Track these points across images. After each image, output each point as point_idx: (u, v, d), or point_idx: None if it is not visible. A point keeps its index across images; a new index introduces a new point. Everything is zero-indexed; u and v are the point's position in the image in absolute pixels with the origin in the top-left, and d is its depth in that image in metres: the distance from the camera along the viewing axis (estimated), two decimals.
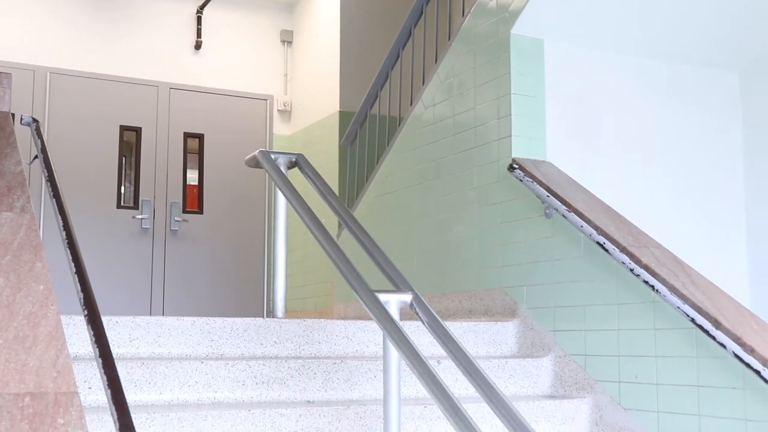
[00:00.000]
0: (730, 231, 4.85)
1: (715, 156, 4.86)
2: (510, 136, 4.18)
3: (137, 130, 7.21)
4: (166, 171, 7.26)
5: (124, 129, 7.16)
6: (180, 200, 7.28)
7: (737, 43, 4.78)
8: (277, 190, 3.76)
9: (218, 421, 2.95)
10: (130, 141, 7.22)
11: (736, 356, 3.00)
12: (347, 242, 4.06)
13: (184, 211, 7.30)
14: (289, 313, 4.15)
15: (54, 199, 2.95)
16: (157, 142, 7.26)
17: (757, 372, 2.93)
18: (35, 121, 3.72)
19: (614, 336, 3.61)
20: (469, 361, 2.58)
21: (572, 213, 3.75)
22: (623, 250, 3.50)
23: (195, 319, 3.41)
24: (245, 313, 7.18)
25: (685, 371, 3.29)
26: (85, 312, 2.17)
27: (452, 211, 4.65)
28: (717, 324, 3.09)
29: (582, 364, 3.74)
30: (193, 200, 7.38)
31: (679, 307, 3.23)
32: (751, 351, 2.96)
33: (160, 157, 7.25)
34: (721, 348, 3.07)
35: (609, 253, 3.56)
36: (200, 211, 7.37)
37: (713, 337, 3.09)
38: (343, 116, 7.01)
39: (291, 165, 3.81)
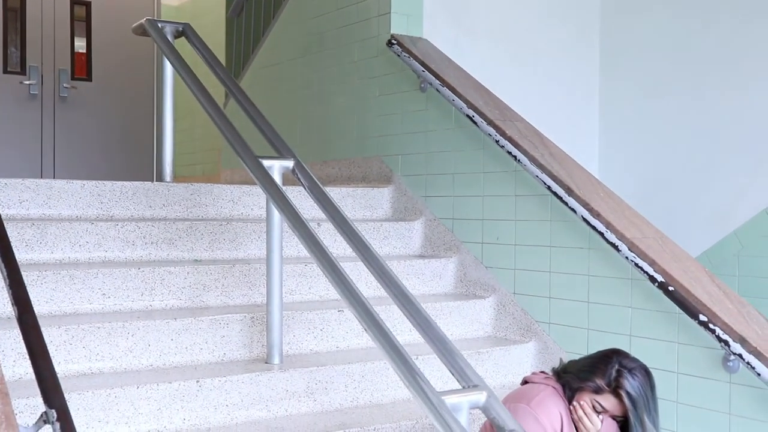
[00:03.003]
0: (585, 109, 4.97)
1: (574, 32, 4.91)
2: (389, 12, 4.10)
3: None
4: (53, 37, 6.82)
5: None
6: (68, 67, 6.89)
7: None
8: (165, 58, 3.60)
9: (109, 279, 2.90)
10: (14, 6, 6.72)
11: (584, 220, 3.13)
12: (233, 111, 3.95)
13: (73, 78, 6.92)
14: (178, 178, 4.05)
15: None
16: (43, 7, 6.78)
17: (601, 234, 3.06)
18: None
19: (479, 201, 3.69)
20: (347, 223, 2.59)
21: (445, 87, 3.74)
22: (490, 122, 3.54)
23: (85, 182, 3.29)
24: (135, 178, 6.94)
25: (540, 233, 3.42)
26: None
27: (334, 83, 4.58)
28: (569, 191, 3.19)
29: (450, 227, 3.83)
30: (82, 68, 7.00)
31: (537, 176, 3.32)
32: (597, 215, 3.09)
33: (47, 24, 6.79)
34: (572, 213, 3.19)
35: (477, 125, 3.60)
36: (89, 79, 6.99)
37: (566, 203, 3.20)
38: None
39: (178, 34, 3.65)
